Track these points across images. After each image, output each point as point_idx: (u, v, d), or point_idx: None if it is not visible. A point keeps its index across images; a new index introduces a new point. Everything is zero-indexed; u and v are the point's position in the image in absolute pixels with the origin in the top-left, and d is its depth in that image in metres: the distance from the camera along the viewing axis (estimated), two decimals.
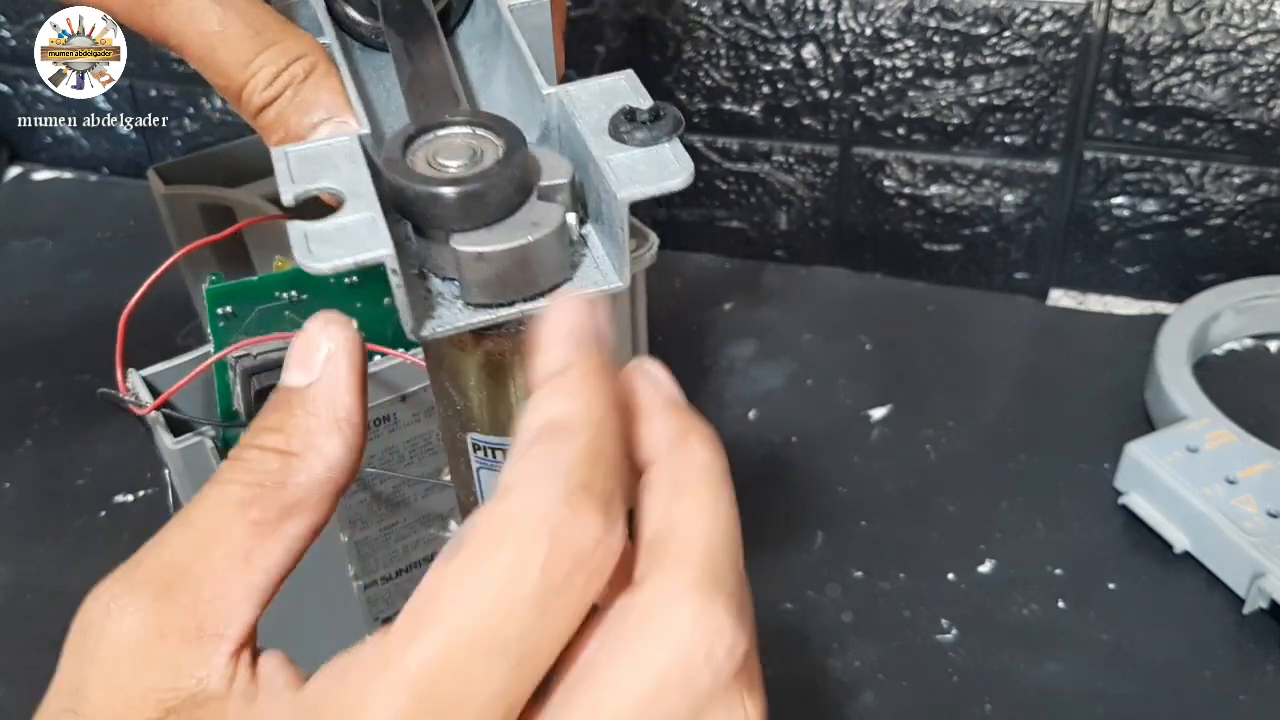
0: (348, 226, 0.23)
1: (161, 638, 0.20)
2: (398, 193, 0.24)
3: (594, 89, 0.27)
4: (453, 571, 0.19)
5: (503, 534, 0.19)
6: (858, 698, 0.46)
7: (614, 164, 0.25)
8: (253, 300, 0.39)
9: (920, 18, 0.62)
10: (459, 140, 0.26)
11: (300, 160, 0.25)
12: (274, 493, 0.21)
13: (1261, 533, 0.47)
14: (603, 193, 0.25)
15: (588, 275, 0.26)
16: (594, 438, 0.20)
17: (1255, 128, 0.60)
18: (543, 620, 0.19)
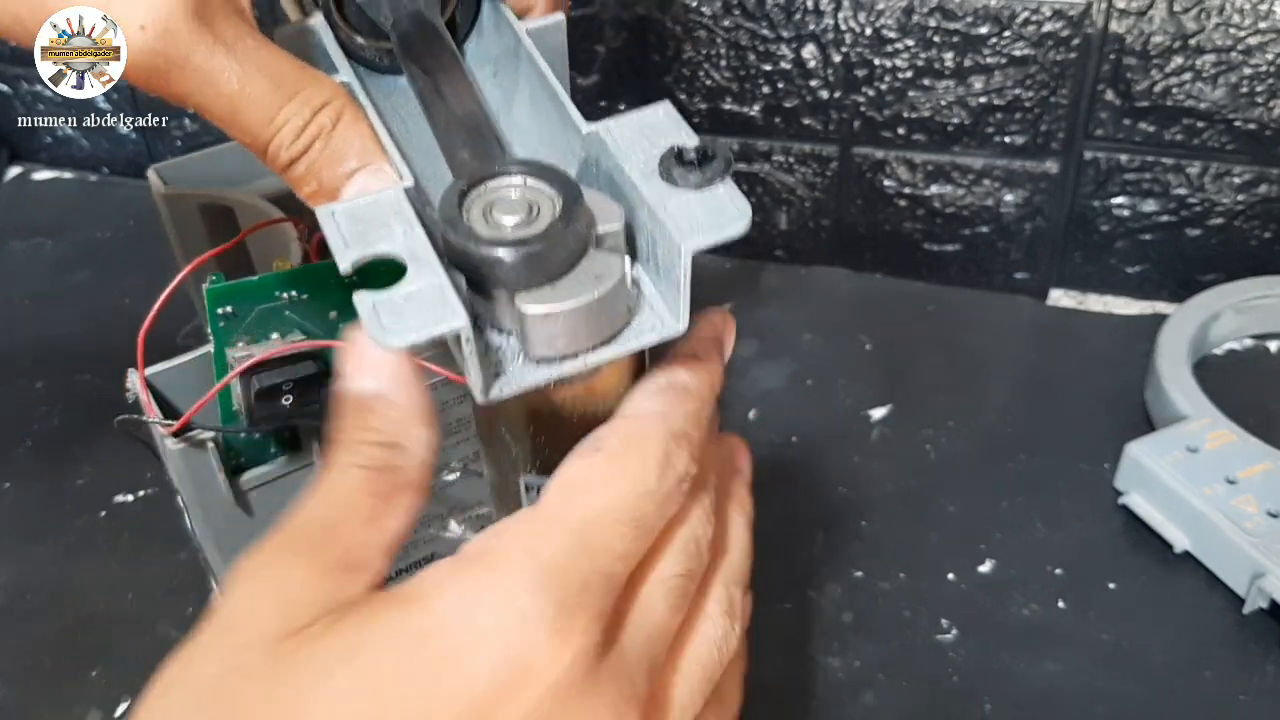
0: (416, 296, 0.23)
1: (317, 572, 0.24)
2: (458, 255, 0.24)
3: (634, 124, 0.26)
4: (596, 462, 0.25)
5: (632, 444, 0.26)
6: (858, 698, 0.46)
7: (672, 211, 0.24)
8: (253, 300, 0.39)
9: (920, 17, 0.62)
10: (514, 194, 0.25)
11: (350, 221, 0.25)
12: (387, 474, 0.26)
13: (1261, 533, 0.47)
14: (660, 240, 0.25)
15: (646, 320, 0.26)
16: (701, 407, 0.27)
17: (1255, 128, 0.60)
18: (655, 512, 0.26)
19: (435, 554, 0.47)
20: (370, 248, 0.24)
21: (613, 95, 0.70)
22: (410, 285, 0.23)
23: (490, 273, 0.24)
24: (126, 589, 0.51)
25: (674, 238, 0.24)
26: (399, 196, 0.25)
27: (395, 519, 0.26)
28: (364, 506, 0.26)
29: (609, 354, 0.25)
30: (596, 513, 0.25)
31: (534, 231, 0.24)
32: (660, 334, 0.26)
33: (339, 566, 0.25)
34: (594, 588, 0.24)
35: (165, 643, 0.48)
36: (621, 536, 0.25)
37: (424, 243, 0.24)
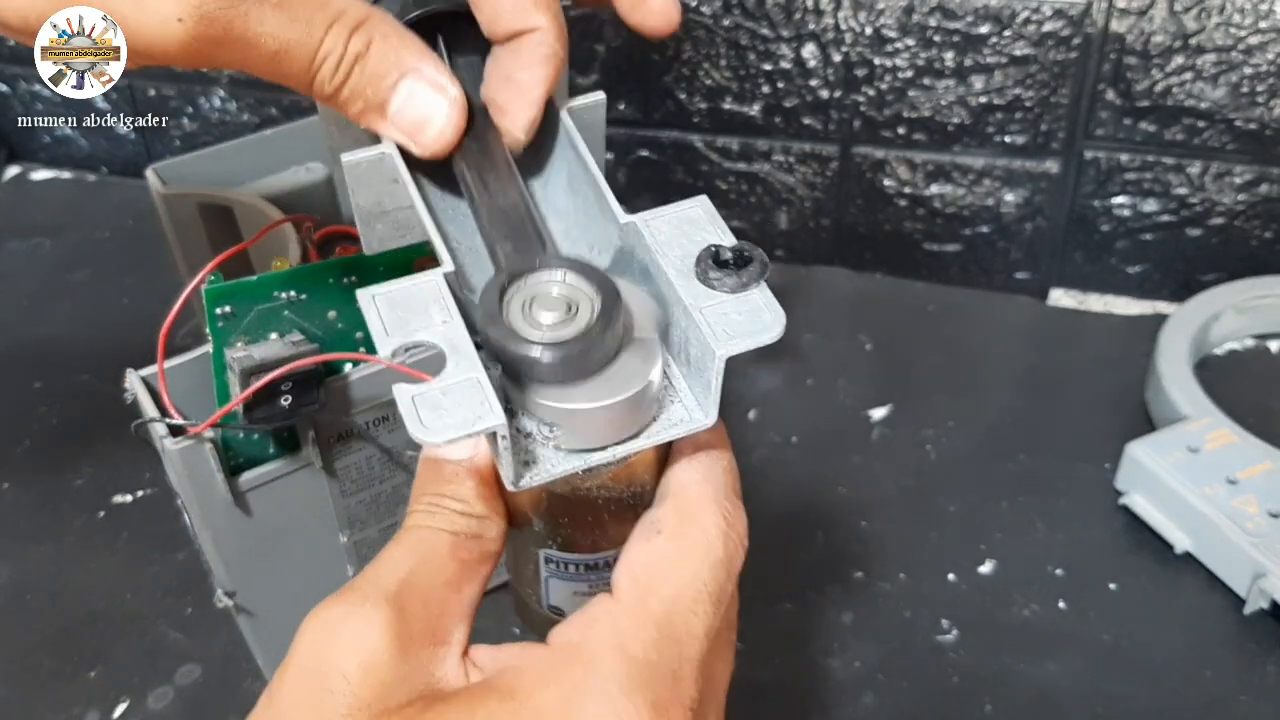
0: (454, 390, 0.23)
1: (405, 643, 0.24)
2: (497, 350, 0.24)
3: (672, 220, 0.27)
4: (661, 544, 0.26)
5: (690, 518, 0.26)
6: (858, 698, 0.45)
7: (708, 316, 0.25)
8: (252, 300, 0.39)
9: (920, 17, 0.62)
10: (554, 290, 0.25)
11: (390, 307, 0.25)
12: (475, 542, 0.27)
13: (1262, 533, 0.47)
14: (694, 340, 0.25)
15: (675, 413, 0.26)
16: (732, 461, 0.28)
17: (1256, 127, 0.60)
18: (727, 578, 0.26)
19: None
20: (409, 336, 0.24)
21: (613, 95, 0.70)
22: (449, 379, 0.24)
23: (527, 369, 0.24)
24: (125, 589, 0.51)
25: (710, 344, 0.24)
26: (439, 283, 0.25)
27: (474, 588, 0.27)
28: (449, 571, 0.26)
29: (637, 446, 0.26)
30: (675, 597, 0.25)
31: (572, 332, 0.24)
32: (688, 428, 0.26)
33: (426, 638, 0.25)
34: (684, 677, 0.25)
35: (164, 643, 0.48)
36: (704, 615, 0.25)
37: (463, 333, 0.24)
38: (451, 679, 0.25)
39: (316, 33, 0.28)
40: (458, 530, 0.27)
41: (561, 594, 0.30)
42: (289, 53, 0.28)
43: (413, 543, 0.27)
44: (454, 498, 0.27)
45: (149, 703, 0.46)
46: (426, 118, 0.29)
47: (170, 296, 0.39)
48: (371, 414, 0.41)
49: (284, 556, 0.42)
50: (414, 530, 0.27)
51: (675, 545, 0.26)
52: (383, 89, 0.29)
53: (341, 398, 0.40)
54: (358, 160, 0.29)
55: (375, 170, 0.29)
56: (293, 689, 0.24)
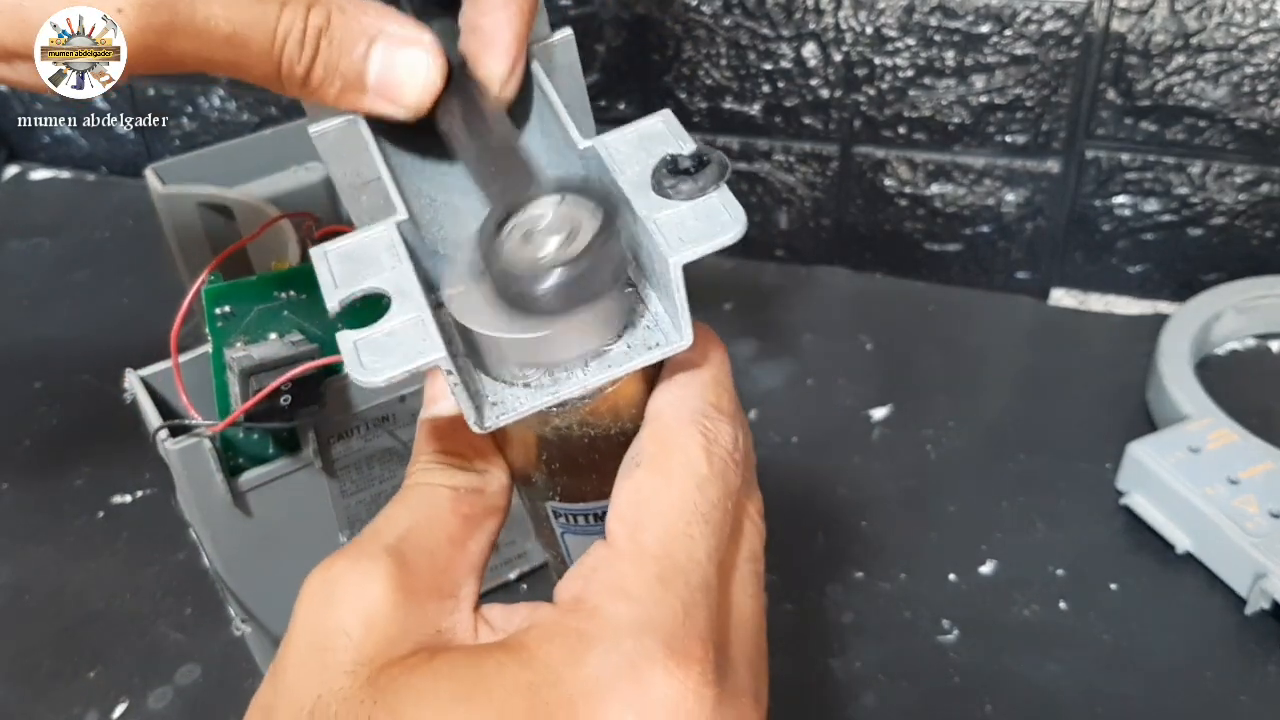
0: (397, 331, 0.23)
1: (409, 595, 0.24)
2: (500, 285, 0.23)
3: (631, 137, 0.26)
4: (643, 476, 0.25)
5: (668, 443, 0.25)
6: (859, 698, 0.45)
7: (661, 223, 0.23)
8: (251, 300, 0.39)
9: (921, 16, 0.62)
10: (549, 216, 0.24)
11: (342, 260, 0.24)
12: (476, 496, 0.26)
13: (1263, 533, 0.47)
14: (654, 255, 0.24)
15: (650, 337, 0.25)
16: (716, 376, 0.26)
17: (1257, 127, 0.60)
18: (721, 493, 0.25)
19: None
20: (357, 285, 0.24)
21: (613, 94, 0.70)
22: (393, 320, 0.23)
23: (531, 300, 0.23)
24: (124, 589, 0.51)
25: (663, 251, 0.23)
26: (391, 231, 0.25)
27: (480, 542, 0.26)
28: (452, 526, 0.26)
29: (609, 374, 0.25)
30: (665, 526, 0.24)
31: (573, 253, 0.23)
32: (664, 350, 0.25)
33: (431, 591, 0.24)
34: (695, 607, 0.23)
35: (163, 643, 0.48)
36: (700, 536, 0.24)
37: (410, 277, 0.24)
38: (461, 633, 0.24)
39: (271, 10, 0.27)
40: (457, 485, 0.26)
41: (581, 550, 0.28)
42: (245, 35, 0.26)
43: (412, 499, 0.26)
44: (451, 452, 0.27)
45: (149, 703, 0.46)
46: (407, 76, 0.28)
47: (170, 296, 0.39)
48: (371, 414, 0.41)
49: (284, 556, 0.42)
50: (413, 487, 0.26)
51: (655, 474, 0.25)
52: (356, 60, 0.27)
53: (341, 398, 0.40)
54: (324, 130, 0.28)
55: (344, 139, 0.28)
56: (296, 652, 0.23)
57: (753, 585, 0.26)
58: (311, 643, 0.23)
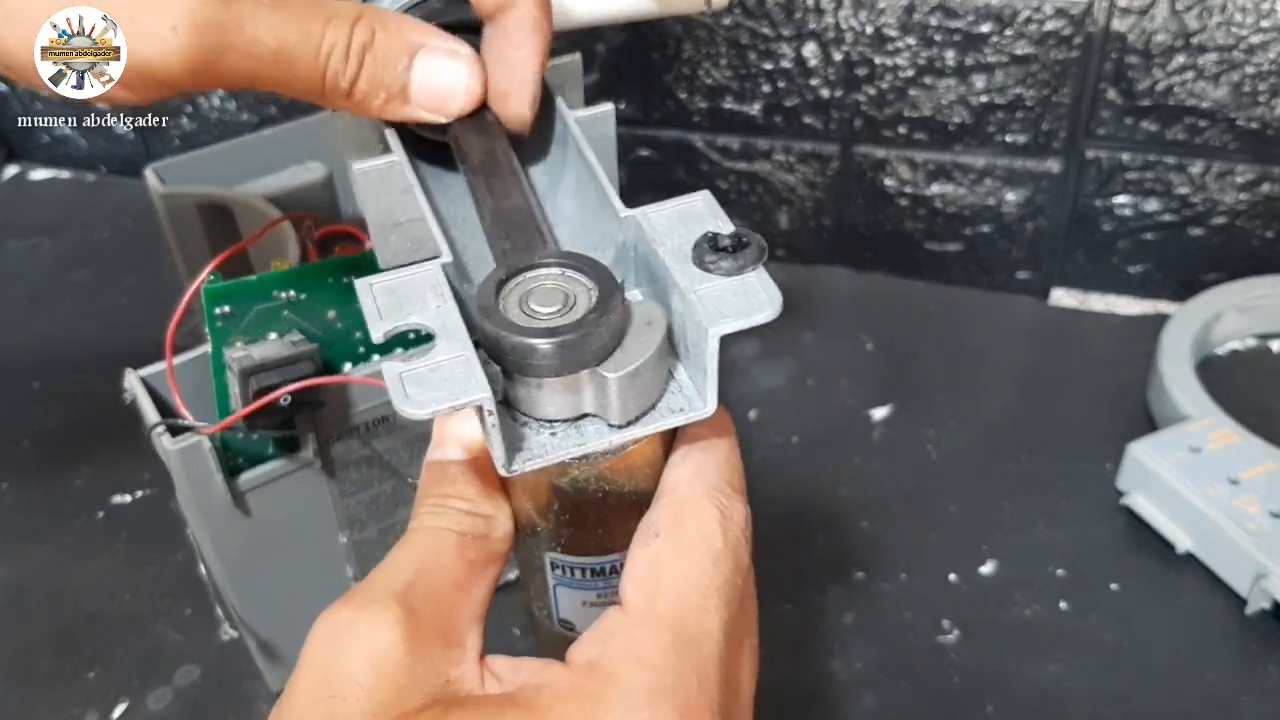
0: (442, 367, 0.23)
1: (417, 643, 0.24)
2: (492, 341, 0.24)
3: (671, 213, 0.27)
4: (661, 547, 0.25)
5: (685, 516, 0.26)
6: (859, 699, 0.45)
7: (702, 296, 0.25)
8: (251, 300, 0.39)
9: (921, 16, 0.62)
10: (549, 284, 0.25)
11: (387, 294, 0.25)
12: (481, 542, 0.27)
13: (1264, 533, 0.47)
14: (690, 324, 0.25)
15: (674, 401, 0.26)
16: (731, 452, 0.27)
17: (1258, 127, 0.60)
18: (733, 569, 0.26)
19: None
20: (402, 320, 0.24)
21: (613, 93, 0.70)
22: (438, 357, 0.24)
23: (525, 360, 0.24)
24: (124, 590, 0.51)
25: (703, 322, 0.24)
26: (436, 271, 0.25)
27: (483, 589, 0.26)
28: (458, 572, 0.26)
29: (635, 433, 0.25)
30: (682, 597, 0.25)
31: (568, 321, 0.24)
32: (686, 417, 0.26)
33: (438, 639, 0.24)
34: (708, 678, 0.24)
35: (162, 644, 0.48)
36: (714, 609, 0.25)
37: (455, 316, 0.24)
38: (468, 683, 0.25)
39: (316, 28, 0.28)
40: (463, 530, 0.26)
41: (571, 604, 0.30)
42: (292, 51, 0.28)
43: (418, 544, 0.26)
44: (459, 497, 0.27)
45: (148, 703, 0.46)
46: (449, 85, 0.29)
47: (170, 296, 0.39)
48: (371, 415, 0.41)
49: (284, 556, 0.42)
50: (419, 531, 0.26)
51: (673, 545, 0.25)
52: (399, 73, 0.29)
53: (341, 398, 0.40)
54: (367, 169, 0.29)
55: (386, 178, 0.29)
56: (304, 699, 0.23)
57: (751, 657, 0.28)
58: (321, 689, 0.23)
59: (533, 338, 0.24)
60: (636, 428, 0.25)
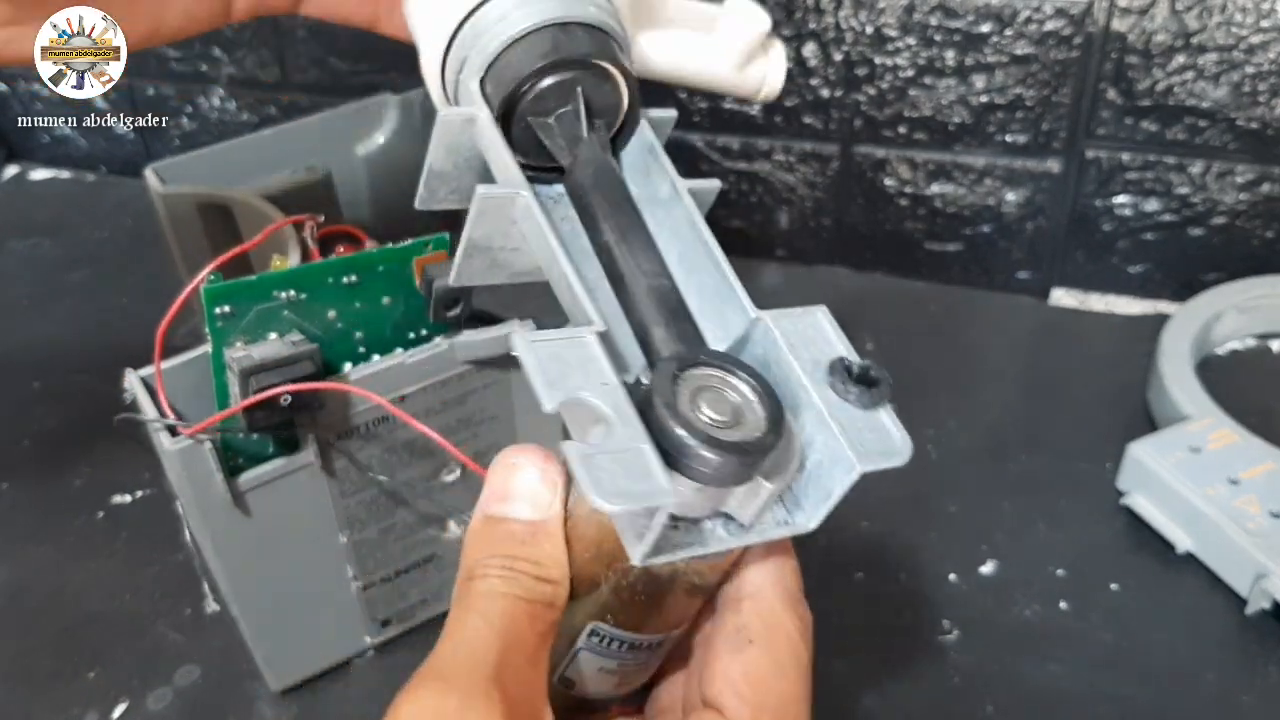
0: (623, 458, 0.23)
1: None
2: (668, 439, 0.24)
3: (796, 323, 0.28)
4: (758, 658, 0.27)
5: (773, 624, 0.27)
6: (859, 699, 0.45)
7: (845, 427, 0.25)
8: (251, 299, 0.38)
9: (921, 16, 0.62)
10: (721, 388, 0.25)
11: (551, 359, 0.24)
12: (549, 611, 0.26)
13: (1264, 533, 0.47)
14: (822, 448, 0.26)
15: (777, 512, 0.27)
16: (795, 558, 0.29)
17: (1258, 127, 0.60)
18: (809, 677, 0.28)
19: (435, 554, 0.46)
20: (573, 393, 0.24)
21: None
22: (615, 445, 0.23)
23: (693, 463, 0.24)
24: (124, 590, 0.51)
25: (849, 456, 0.25)
26: (595, 343, 0.25)
27: (544, 660, 0.26)
28: (530, 646, 0.25)
29: (754, 539, 0.26)
30: (781, 711, 0.26)
31: (742, 437, 0.24)
32: (794, 529, 0.26)
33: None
34: None
35: (162, 644, 0.48)
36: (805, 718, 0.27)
37: (625, 399, 0.24)
38: None
39: None
40: (534, 598, 0.25)
41: (588, 668, 0.29)
42: None
43: (496, 614, 0.25)
44: (529, 560, 0.26)
45: (148, 703, 0.46)
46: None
47: (170, 296, 0.39)
48: (371, 415, 0.41)
49: (284, 556, 0.42)
50: (493, 598, 0.25)
51: (770, 656, 0.27)
52: None
53: (342, 398, 0.40)
54: (492, 194, 0.28)
55: (502, 208, 0.28)
56: None
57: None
58: None
59: (723, 452, 0.24)
60: (754, 533, 0.26)
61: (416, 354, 0.41)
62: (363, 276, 0.40)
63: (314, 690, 0.46)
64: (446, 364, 0.42)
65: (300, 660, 0.46)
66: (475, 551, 0.26)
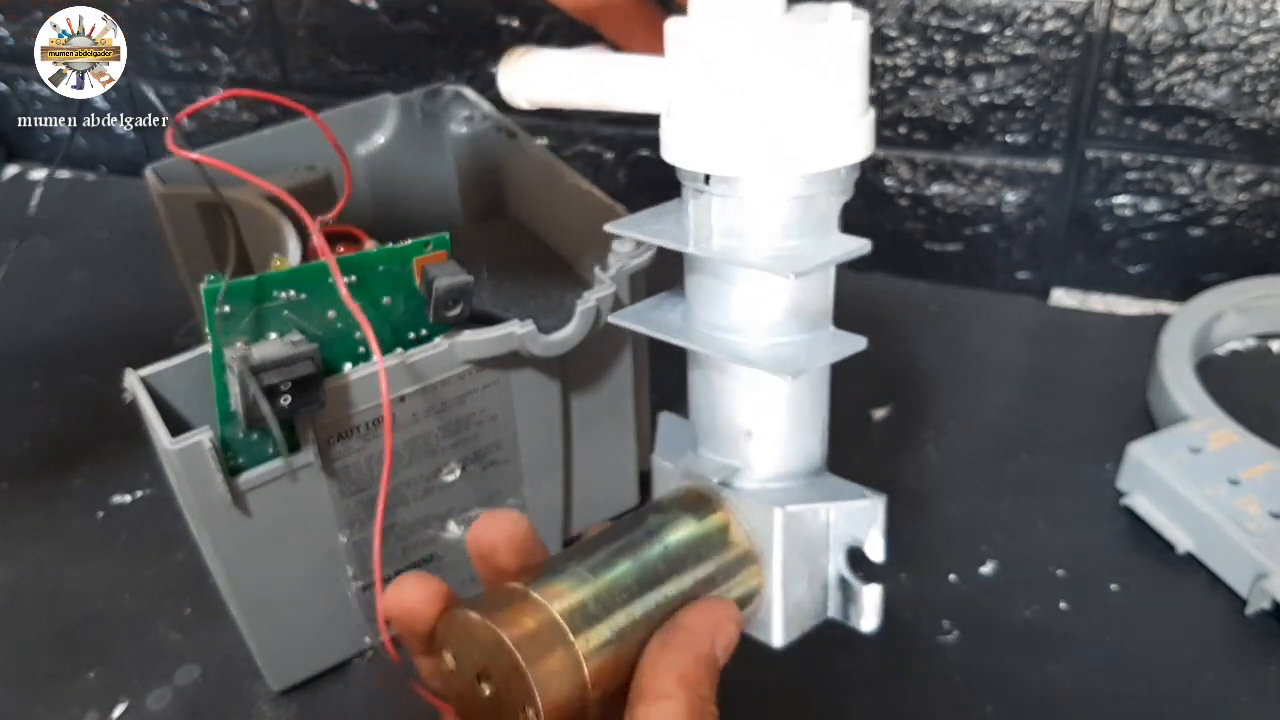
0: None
1: None
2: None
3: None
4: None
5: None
6: (859, 699, 0.45)
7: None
8: (251, 299, 0.38)
9: (921, 16, 0.62)
10: None
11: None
12: None
13: (1264, 533, 0.47)
14: (837, 595, 0.37)
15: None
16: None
17: (1258, 127, 0.60)
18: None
19: (434, 555, 0.46)
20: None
21: None
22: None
23: None
24: (124, 590, 0.51)
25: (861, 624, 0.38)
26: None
27: None
28: None
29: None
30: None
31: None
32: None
33: None
34: None
35: (163, 644, 0.48)
36: None
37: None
38: None
39: None
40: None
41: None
42: None
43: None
44: (712, 694, 0.28)
45: (148, 703, 0.46)
46: None
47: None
48: (371, 415, 0.41)
49: (284, 556, 0.42)
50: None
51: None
52: None
53: (341, 398, 0.40)
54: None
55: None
56: None
57: None
58: None
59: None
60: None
61: (416, 354, 0.41)
62: (363, 276, 0.40)
63: (314, 690, 0.46)
64: (446, 364, 0.42)
65: (300, 660, 0.46)
66: (708, 689, 0.28)
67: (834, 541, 0.35)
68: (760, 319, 0.31)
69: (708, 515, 0.33)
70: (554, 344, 0.43)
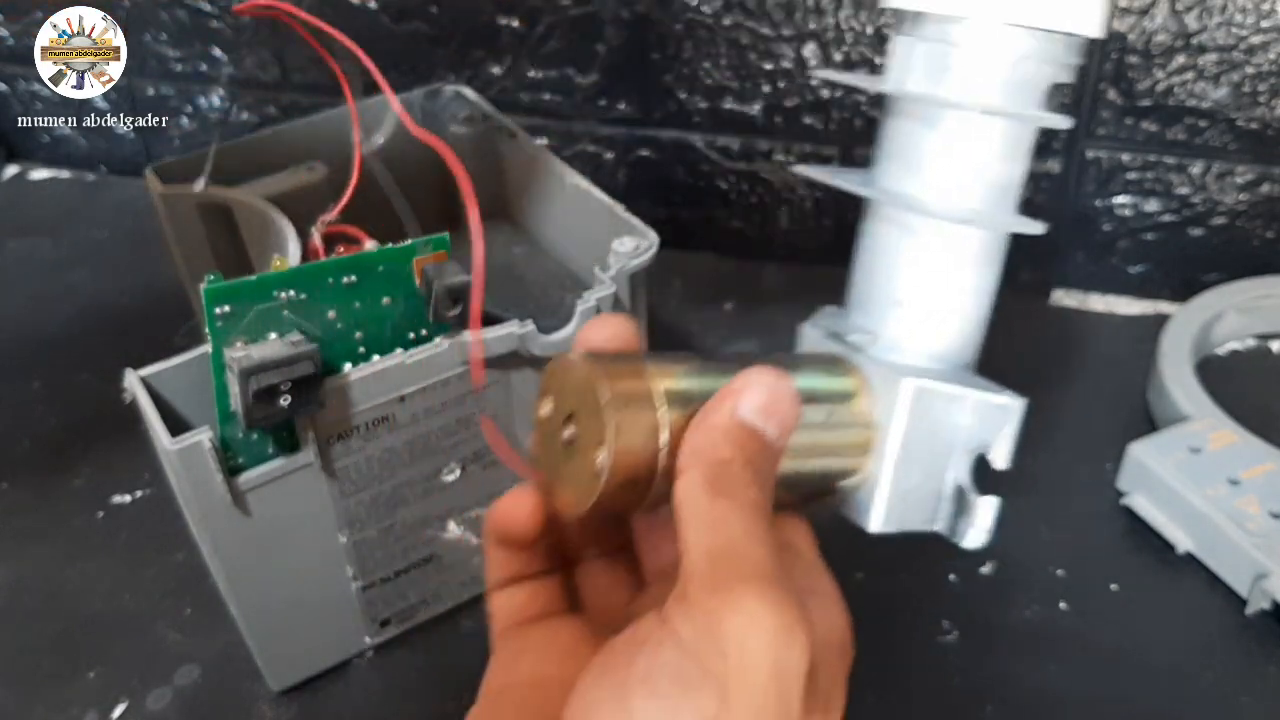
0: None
1: None
2: None
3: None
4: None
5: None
6: (859, 700, 0.45)
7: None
8: (251, 299, 0.38)
9: None
10: None
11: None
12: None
13: (1264, 533, 0.47)
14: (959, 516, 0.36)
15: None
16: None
17: (1258, 127, 0.60)
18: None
19: (434, 554, 0.46)
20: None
21: (613, 94, 0.70)
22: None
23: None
24: (124, 590, 0.51)
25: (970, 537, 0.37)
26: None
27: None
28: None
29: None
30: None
31: None
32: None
33: None
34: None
35: (162, 644, 0.48)
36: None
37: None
38: None
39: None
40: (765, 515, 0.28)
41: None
42: None
43: (764, 525, 0.27)
44: (749, 463, 0.28)
45: (148, 703, 0.46)
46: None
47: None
48: (371, 415, 0.41)
49: (284, 556, 0.42)
50: (758, 510, 0.27)
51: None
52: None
53: (341, 398, 0.40)
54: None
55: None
56: (757, 700, 0.24)
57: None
58: (776, 689, 0.24)
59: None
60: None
61: (416, 354, 0.41)
62: (363, 276, 0.40)
63: (314, 690, 0.46)
64: (446, 364, 0.42)
65: (300, 660, 0.46)
66: (729, 452, 0.27)
67: (961, 444, 0.34)
68: (949, 174, 0.32)
69: (839, 375, 0.32)
70: (554, 344, 0.43)
